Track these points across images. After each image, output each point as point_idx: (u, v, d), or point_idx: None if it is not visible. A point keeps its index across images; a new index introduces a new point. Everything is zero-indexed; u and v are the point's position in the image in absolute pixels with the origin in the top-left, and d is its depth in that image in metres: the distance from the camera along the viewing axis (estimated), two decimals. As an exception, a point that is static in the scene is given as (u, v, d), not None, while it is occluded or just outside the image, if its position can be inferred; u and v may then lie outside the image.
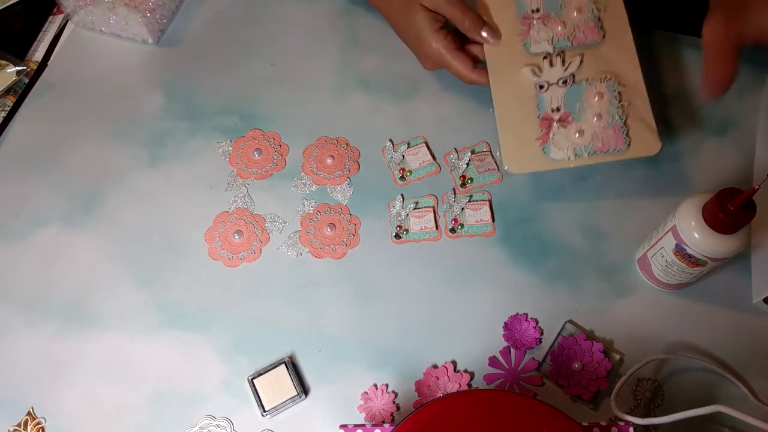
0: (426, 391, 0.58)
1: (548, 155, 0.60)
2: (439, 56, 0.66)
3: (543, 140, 0.61)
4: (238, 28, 0.77)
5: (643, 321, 0.60)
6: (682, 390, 0.57)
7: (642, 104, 0.61)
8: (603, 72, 0.62)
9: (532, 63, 0.63)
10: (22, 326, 0.62)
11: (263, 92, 0.73)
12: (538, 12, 0.65)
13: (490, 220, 0.64)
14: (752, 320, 0.59)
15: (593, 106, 0.61)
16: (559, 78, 0.62)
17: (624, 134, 0.60)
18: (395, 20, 0.68)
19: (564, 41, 0.63)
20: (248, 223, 0.66)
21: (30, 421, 0.58)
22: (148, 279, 0.64)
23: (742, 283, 0.61)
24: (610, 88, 0.61)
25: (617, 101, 0.61)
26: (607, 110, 0.60)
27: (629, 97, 0.61)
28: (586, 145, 0.60)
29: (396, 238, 0.64)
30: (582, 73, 0.62)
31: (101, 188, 0.68)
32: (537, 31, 0.64)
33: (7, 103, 0.74)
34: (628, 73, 0.62)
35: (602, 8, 0.64)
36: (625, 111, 0.60)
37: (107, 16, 0.74)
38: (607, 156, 0.60)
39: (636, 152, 0.59)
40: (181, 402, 0.59)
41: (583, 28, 0.63)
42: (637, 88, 0.61)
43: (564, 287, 0.62)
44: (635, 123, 0.60)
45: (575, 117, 0.61)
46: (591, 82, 0.62)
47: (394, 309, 0.61)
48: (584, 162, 0.60)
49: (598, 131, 0.60)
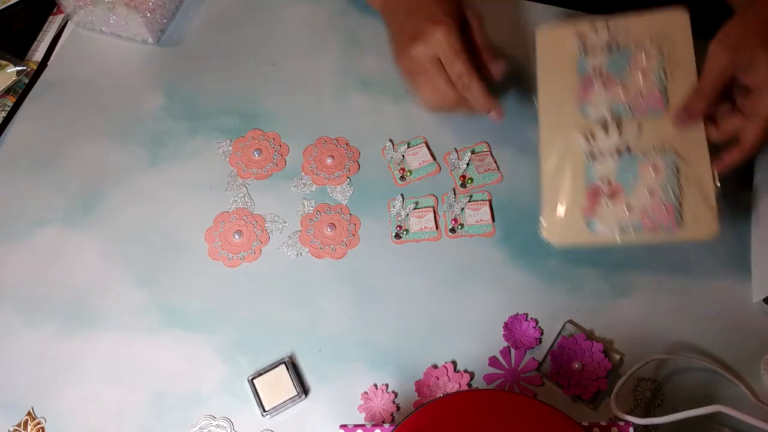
0: (426, 391, 0.58)
1: (592, 229, 0.57)
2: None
3: (588, 212, 0.57)
4: (238, 28, 0.77)
5: (643, 321, 0.60)
6: (682, 390, 0.57)
7: (705, 182, 0.56)
8: (662, 145, 0.57)
9: (586, 128, 0.59)
10: (22, 326, 0.62)
11: (263, 92, 0.73)
12: (601, 73, 0.60)
13: (490, 220, 0.64)
14: (752, 320, 0.59)
15: (647, 181, 0.56)
16: (613, 147, 0.58)
17: (677, 213, 0.55)
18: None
19: (624, 108, 0.59)
20: (248, 223, 0.66)
21: (30, 421, 0.58)
22: (148, 279, 0.64)
23: (742, 283, 0.61)
24: (668, 162, 0.57)
25: (675, 177, 0.56)
26: (662, 185, 0.56)
27: (690, 172, 0.56)
28: (635, 221, 0.56)
29: (396, 237, 0.64)
30: (639, 145, 0.58)
31: (101, 188, 0.68)
32: (596, 95, 0.60)
33: (7, 103, 0.74)
34: (691, 148, 0.57)
35: (670, 77, 0.59)
36: (683, 189, 0.56)
37: (107, 16, 0.74)
38: (656, 235, 0.55)
39: (689, 233, 0.55)
40: (181, 402, 0.59)
41: (646, 96, 0.59)
42: (700, 165, 0.56)
43: (564, 287, 0.62)
44: (692, 202, 0.55)
45: (626, 191, 0.57)
46: (647, 154, 0.57)
47: (394, 309, 0.61)
48: (630, 240, 0.56)
49: (649, 207, 0.56)
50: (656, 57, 0.59)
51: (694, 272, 0.62)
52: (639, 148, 0.58)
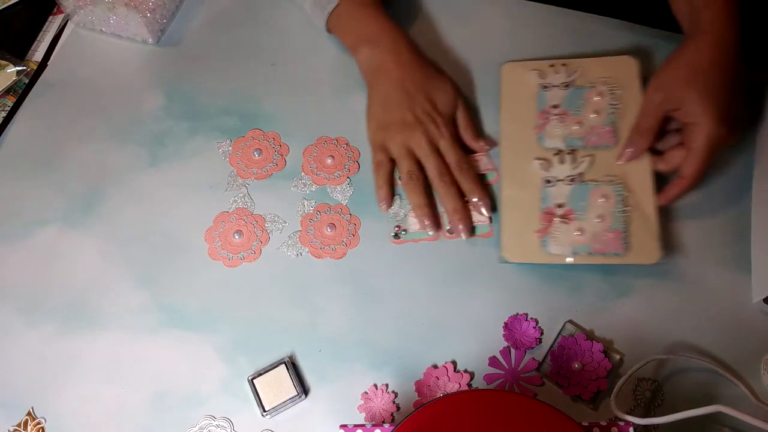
0: (426, 391, 0.58)
1: (546, 249, 0.61)
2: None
3: (543, 233, 0.61)
4: (238, 28, 0.77)
5: (643, 321, 0.60)
6: (682, 390, 0.57)
7: (648, 211, 0.61)
8: (611, 176, 0.63)
9: (543, 157, 0.64)
10: (22, 326, 0.62)
11: (263, 92, 0.73)
12: (557, 108, 0.66)
13: (488, 221, 0.64)
14: (752, 320, 0.59)
15: (597, 207, 0.61)
16: (567, 175, 0.63)
17: (624, 240, 0.60)
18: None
19: (577, 141, 0.65)
20: (248, 223, 0.66)
21: (30, 421, 0.58)
22: (148, 279, 0.64)
23: (742, 283, 0.61)
24: (617, 192, 0.62)
25: (621, 206, 0.61)
26: (611, 213, 0.61)
27: (635, 202, 0.61)
28: (586, 244, 0.60)
29: (395, 237, 0.64)
30: (590, 174, 0.63)
31: (101, 188, 0.68)
32: (553, 127, 0.65)
33: (7, 103, 0.74)
34: (637, 180, 0.62)
35: (620, 115, 0.65)
36: (629, 216, 0.61)
37: (107, 16, 0.74)
38: (605, 258, 0.60)
39: (634, 258, 0.59)
40: (181, 402, 0.59)
41: (598, 131, 0.64)
42: (645, 196, 0.62)
43: (564, 287, 0.62)
44: (637, 229, 0.60)
45: (578, 215, 0.61)
46: (598, 183, 0.62)
47: (394, 309, 0.61)
48: (581, 261, 0.60)
49: (598, 232, 0.60)
50: (608, 96, 0.66)
51: (694, 272, 0.62)
52: (591, 178, 0.63)
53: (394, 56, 0.67)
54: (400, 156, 0.65)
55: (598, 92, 0.66)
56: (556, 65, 0.69)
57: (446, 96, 0.67)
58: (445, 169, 0.64)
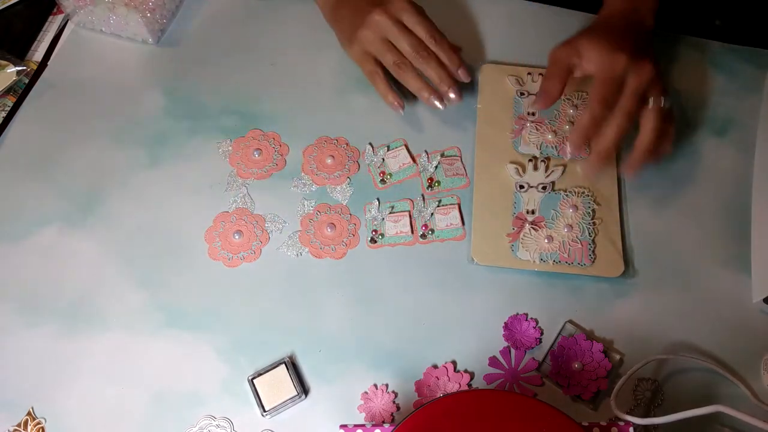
0: (426, 391, 0.58)
1: (515, 254, 0.62)
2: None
3: (513, 238, 0.62)
4: (238, 28, 0.77)
5: (643, 321, 0.60)
6: (682, 390, 0.57)
7: (613, 225, 0.63)
8: (581, 187, 0.65)
9: (517, 161, 0.66)
10: (23, 326, 0.62)
11: (263, 92, 0.73)
12: (534, 116, 0.68)
13: (460, 224, 0.64)
14: (752, 320, 0.59)
15: (566, 217, 0.63)
16: (539, 183, 0.65)
17: (590, 251, 0.61)
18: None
19: (551, 149, 0.67)
20: (248, 223, 0.66)
21: (30, 421, 0.58)
22: (148, 279, 0.64)
23: (742, 283, 0.61)
24: (585, 204, 0.63)
25: (590, 217, 0.63)
26: (579, 224, 0.62)
27: (602, 215, 0.63)
28: (553, 252, 0.61)
29: (372, 242, 0.64)
30: (562, 183, 0.65)
31: (101, 188, 0.68)
32: (528, 133, 0.67)
33: (7, 103, 0.74)
34: (605, 193, 0.64)
35: None
36: (596, 228, 0.62)
37: (107, 16, 0.74)
38: (571, 268, 0.61)
39: (599, 270, 0.61)
40: (181, 402, 0.59)
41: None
42: (611, 209, 0.64)
43: (564, 287, 0.62)
44: (603, 242, 0.62)
45: (547, 223, 0.63)
46: (569, 193, 0.64)
47: (394, 309, 0.61)
48: (548, 268, 0.61)
49: (566, 242, 0.62)
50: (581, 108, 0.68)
51: (694, 272, 0.62)
52: (562, 187, 0.65)
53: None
54: (380, 52, 0.66)
55: (573, 105, 0.69)
56: (534, 73, 0.70)
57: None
58: (419, 43, 0.65)
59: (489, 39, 0.74)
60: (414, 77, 0.65)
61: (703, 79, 0.71)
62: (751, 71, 0.71)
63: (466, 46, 0.74)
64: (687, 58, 0.72)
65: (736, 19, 0.76)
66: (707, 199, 0.65)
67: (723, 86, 0.71)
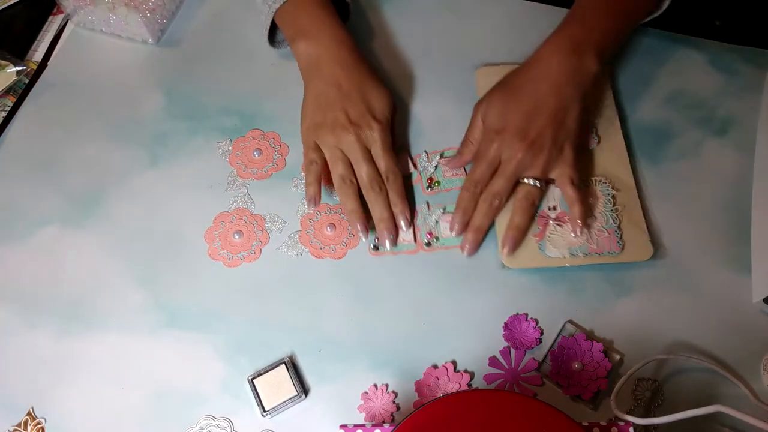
0: (426, 391, 0.58)
1: (544, 252, 0.61)
2: None
3: (539, 237, 0.62)
4: (238, 28, 0.77)
5: (643, 321, 0.60)
6: (682, 390, 0.57)
7: (635, 210, 0.62)
8: (598, 175, 0.64)
9: None
10: (23, 326, 0.62)
11: (263, 92, 0.73)
12: None
13: (413, 239, 0.64)
14: (752, 320, 0.59)
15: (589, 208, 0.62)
16: None
17: (618, 237, 0.61)
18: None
19: None
20: (248, 223, 0.66)
21: (30, 421, 0.58)
22: (148, 279, 0.64)
23: (742, 283, 0.61)
24: (605, 192, 0.63)
25: (611, 204, 0.62)
26: (602, 213, 0.62)
27: (624, 200, 0.63)
28: (581, 245, 0.61)
29: (374, 249, 0.64)
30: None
31: (101, 188, 0.68)
32: None
33: (7, 103, 0.74)
34: (622, 178, 0.64)
35: (598, 115, 0.66)
36: (620, 215, 0.62)
37: (107, 16, 0.74)
38: (602, 258, 0.60)
39: (629, 256, 0.60)
40: (181, 402, 0.59)
41: None
42: (630, 193, 0.63)
43: (564, 287, 0.62)
44: (629, 227, 0.61)
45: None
46: (586, 183, 0.63)
47: (394, 309, 0.61)
48: (579, 262, 0.60)
49: (593, 233, 0.61)
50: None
51: (694, 272, 0.62)
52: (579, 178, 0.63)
53: (332, 53, 0.65)
54: (333, 159, 0.63)
55: None
56: None
57: (382, 100, 0.65)
58: (377, 176, 0.63)
59: (489, 39, 0.74)
60: (355, 198, 0.62)
61: (703, 79, 0.71)
62: (751, 71, 0.71)
63: (465, 46, 0.74)
64: (687, 58, 0.72)
65: (736, 19, 0.76)
66: (707, 199, 0.65)
67: (723, 86, 0.71)
